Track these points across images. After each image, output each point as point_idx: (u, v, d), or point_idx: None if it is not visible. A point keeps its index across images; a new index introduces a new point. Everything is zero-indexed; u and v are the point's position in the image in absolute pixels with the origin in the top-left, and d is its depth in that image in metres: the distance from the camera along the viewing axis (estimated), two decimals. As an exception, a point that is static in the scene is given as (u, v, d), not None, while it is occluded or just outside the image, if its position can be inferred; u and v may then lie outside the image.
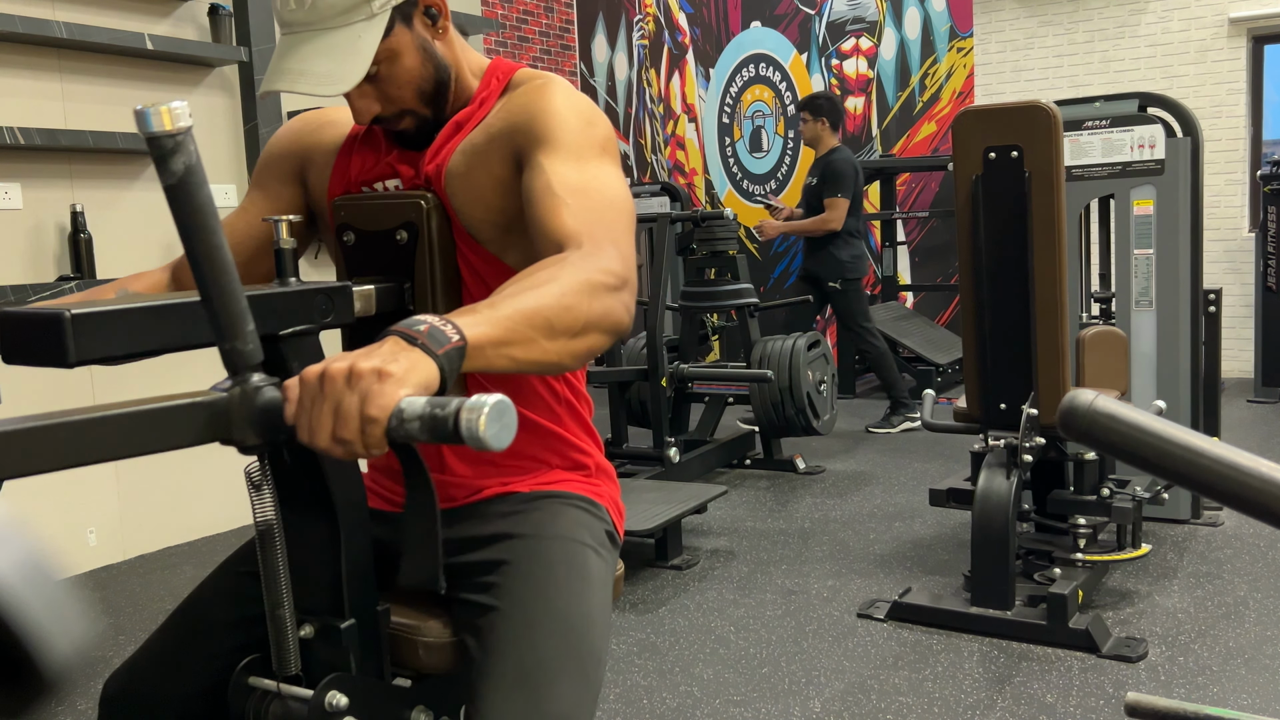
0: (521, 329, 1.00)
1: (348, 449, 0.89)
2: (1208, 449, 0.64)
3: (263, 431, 0.93)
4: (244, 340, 0.92)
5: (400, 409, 0.86)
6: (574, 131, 1.25)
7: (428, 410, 0.85)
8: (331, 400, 0.88)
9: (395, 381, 0.87)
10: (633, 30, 8.09)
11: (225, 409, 0.92)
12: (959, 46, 6.93)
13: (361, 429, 0.87)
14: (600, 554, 1.32)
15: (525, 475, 1.36)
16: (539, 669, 1.16)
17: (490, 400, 0.84)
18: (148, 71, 3.92)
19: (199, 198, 0.87)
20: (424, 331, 0.92)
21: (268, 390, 0.93)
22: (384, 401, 0.87)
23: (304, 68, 1.23)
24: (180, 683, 1.26)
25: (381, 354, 0.90)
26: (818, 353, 4.68)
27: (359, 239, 1.33)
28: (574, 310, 1.04)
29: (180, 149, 0.86)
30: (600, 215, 1.18)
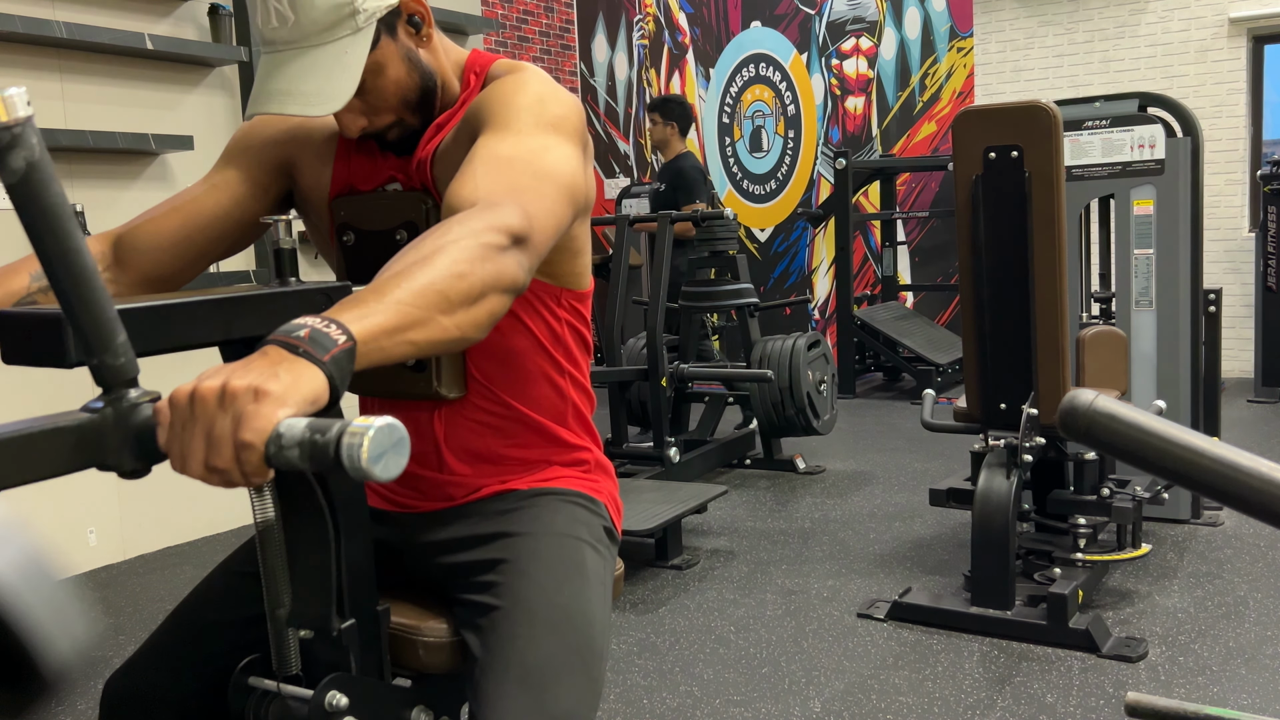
0: (414, 310, 0.91)
1: (224, 478, 0.80)
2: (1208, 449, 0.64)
3: (141, 454, 0.83)
4: (113, 354, 0.82)
5: (279, 433, 0.77)
6: (521, 110, 1.20)
7: (307, 435, 0.76)
8: (203, 424, 0.79)
9: (274, 401, 0.78)
10: (633, 30, 8.10)
11: (97, 431, 0.82)
12: (959, 46, 6.93)
13: (236, 456, 0.78)
14: (599, 550, 1.33)
15: (525, 473, 1.36)
16: (541, 666, 1.16)
17: (375, 424, 0.75)
18: (148, 71, 3.92)
19: (47, 197, 0.77)
20: (304, 337, 0.83)
21: (145, 407, 0.83)
22: (260, 424, 0.77)
23: (291, 88, 1.20)
24: (181, 682, 1.26)
25: (258, 368, 0.80)
26: (818, 353, 4.68)
27: (359, 239, 1.33)
28: (467, 277, 0.96)
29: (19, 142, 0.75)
30: (511, 179, 1.11)
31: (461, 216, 1.03)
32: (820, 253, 7.50)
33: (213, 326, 1.04)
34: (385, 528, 1.35)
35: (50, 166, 0.77)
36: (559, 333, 1.37)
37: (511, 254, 1.02)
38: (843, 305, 6.47)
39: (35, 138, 0.76)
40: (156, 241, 1.36)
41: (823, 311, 7.47)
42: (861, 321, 6.45)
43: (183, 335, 1.02)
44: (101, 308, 0.80)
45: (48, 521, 3.57)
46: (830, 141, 7.40)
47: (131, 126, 3.84)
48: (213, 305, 1.03)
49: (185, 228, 1.36)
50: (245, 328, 1.05)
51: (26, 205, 0.77)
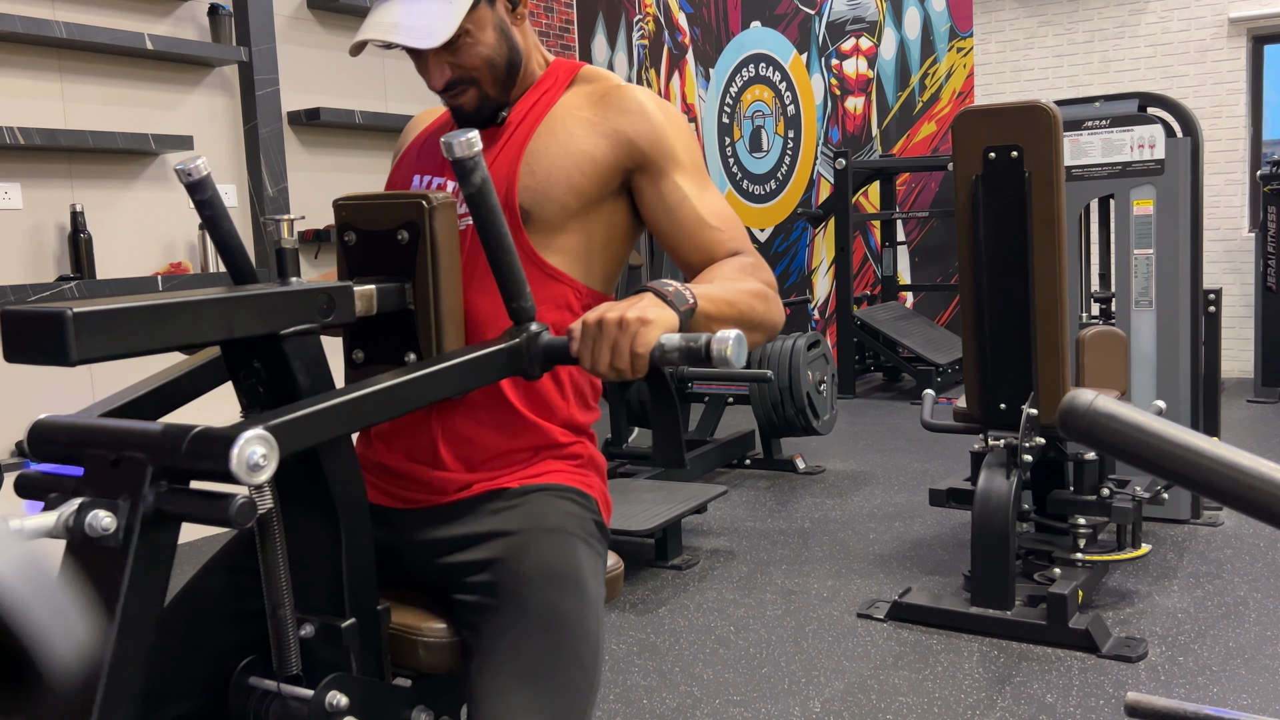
0: (724, 311, 1.25)
1: (619, 374, 1.14)
2: (1208, 449, 0.64)
3: (545, 363, 1.20)
4: (525, 299, 1.19)
5: (661, 343, 1.13)
6: (690, 152, 1.42)
7: (684, 343, 1.12)
8: (609, 339, 1.13)
9: (653, 326, 1.13)
10: (633, 30, 8.10)
11: (520, 350, 1.18)
12: (959, 46, 6.93)
13: (631, 361, 1.13)
14: (591, 544, 1.33)
15: (518, 467, 1.37)
16: (537, 663, 1.17)
17: (731, 334, 1.09)
18: (148, 71, 3.92)
19: (491, 201, 1.16)
20: (672, 292, 1.18)
21: (544, 335, 1.20)
22: (648, 339, 1.13)
23: (397, 20, 1.32)
24: (179, 677, 1.26)
25: (641, 305, 1.15)
26: (818, 353, 4.68)
27: (360, 239, 1.33)
28: (755, 309, 1.30)
29: (478, 167, 1.14)
30: (743, 234, 1.42)
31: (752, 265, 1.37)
32: (820, 253, 7.50)
33: (213, 326, 1.04)
34: (383, 528, 1.35)
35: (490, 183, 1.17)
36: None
37: (778, 306, 1.36)
38: (843, 305, 6.47)
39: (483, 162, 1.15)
40: None
41: (823, 311, 7.48)
42: (861, 321, 6.45)
43: (183, 334, 1.02)
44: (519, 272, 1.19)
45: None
46: (830, 141, 7.40)
47: (131, 126, 3.84)
48: (213, 305, 1.03)
49: None
50: (245, 328, 1.06)
51: (479, 206, 1.16)
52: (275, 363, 1.10)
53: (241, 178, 4.19)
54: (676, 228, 1.39)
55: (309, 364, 1.10)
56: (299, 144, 4.43)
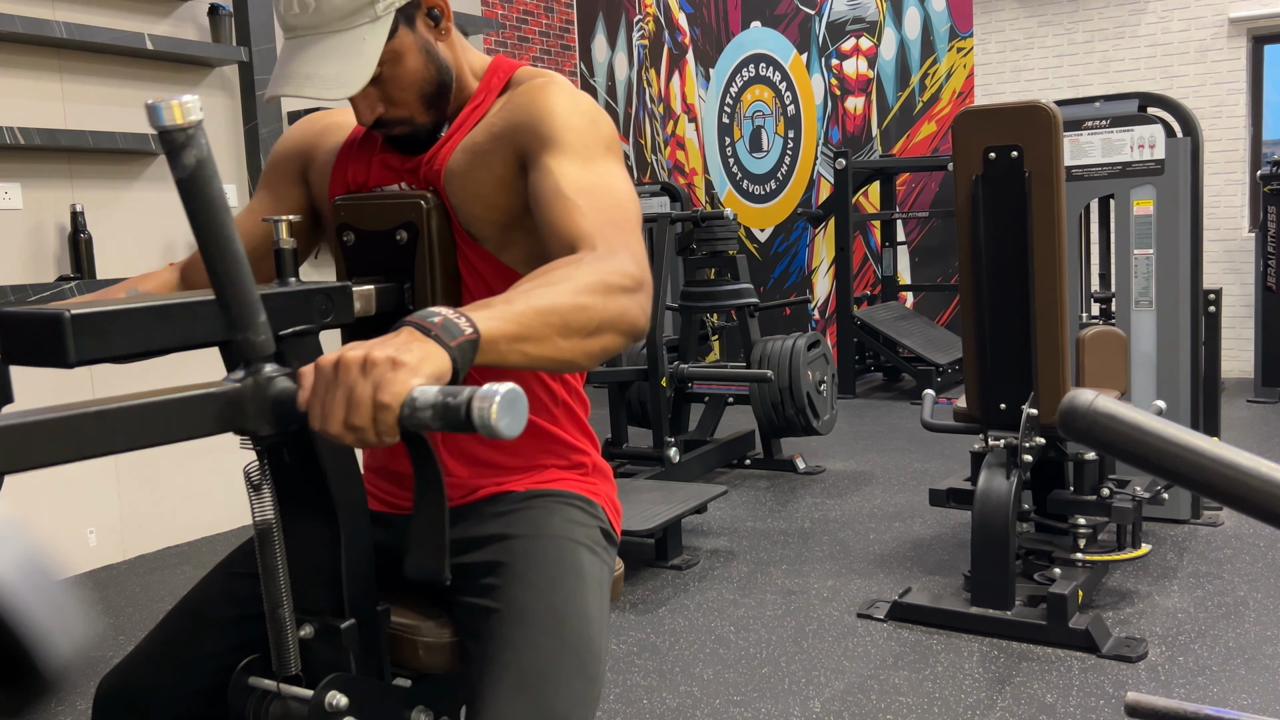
0: (536, 325, 1.01)
1: (359, 436, 0.89)
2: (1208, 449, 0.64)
3: (276, 420, 0.94)
4: (256, 331, 0.94)
5: (413, 397, 0.87)
6: (579, 131, 1.25)
7: (440, 399, 0.86)
8: (345, 387, 0.89)
9: (409, 370, 0.88)
10: (633, 30, 8.10)
11: (238, 399, 0.93)
12: (959, 46, 6.93)
13: (374, 416, 0.88)
14: (596, 552, 1.32)
15: (521, 475, 1.36)
16: (539, 669, 1.16)
17: (502, 389, 0.85)
18: (148, 71, 3.92)
19: (210, 191, 0.89)
20: (438, 323, 0.93)
21: (280, 380, 0.95)
22: (397, 389, 0.87)
23: (310, 71, 1.23)
24: (176, 682, 1.26)
25: (395, 343, 0.91)
26: (818, 353, 4.68)
27: (359, 239, 1.33)
28: (589, 310, 1.05)
29: (191, 143, 0.87)
30: (611, 216, 1.19)
31: (592, 257, 1.12)
32: (820, 253, 7.50)
33: (213, 326, 1.04)
34: (384, 530, 1.35)
35: (214, 164, 0.89)
36: None
37: (635, 299, 1.11)
38: (843, 305, 6.47)
39: (204, 139, 0.87)
40: None
41: (823, 311, 7.47)
42: (861, 321, 6.45)
43: (183, 335, 1.02)
44: (249, 292, 0.92)
45: (48, 521, 3.57)
46: (830, 141, 7.40)
47: (131, 126, 3.84)
48: (213, 305, 1.03)
49: None
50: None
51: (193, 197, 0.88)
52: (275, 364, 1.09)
53: (241, 178, 4.19)
54: (539, 211, 1.21)
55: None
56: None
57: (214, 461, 3.95)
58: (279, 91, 1.25)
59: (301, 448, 1.11)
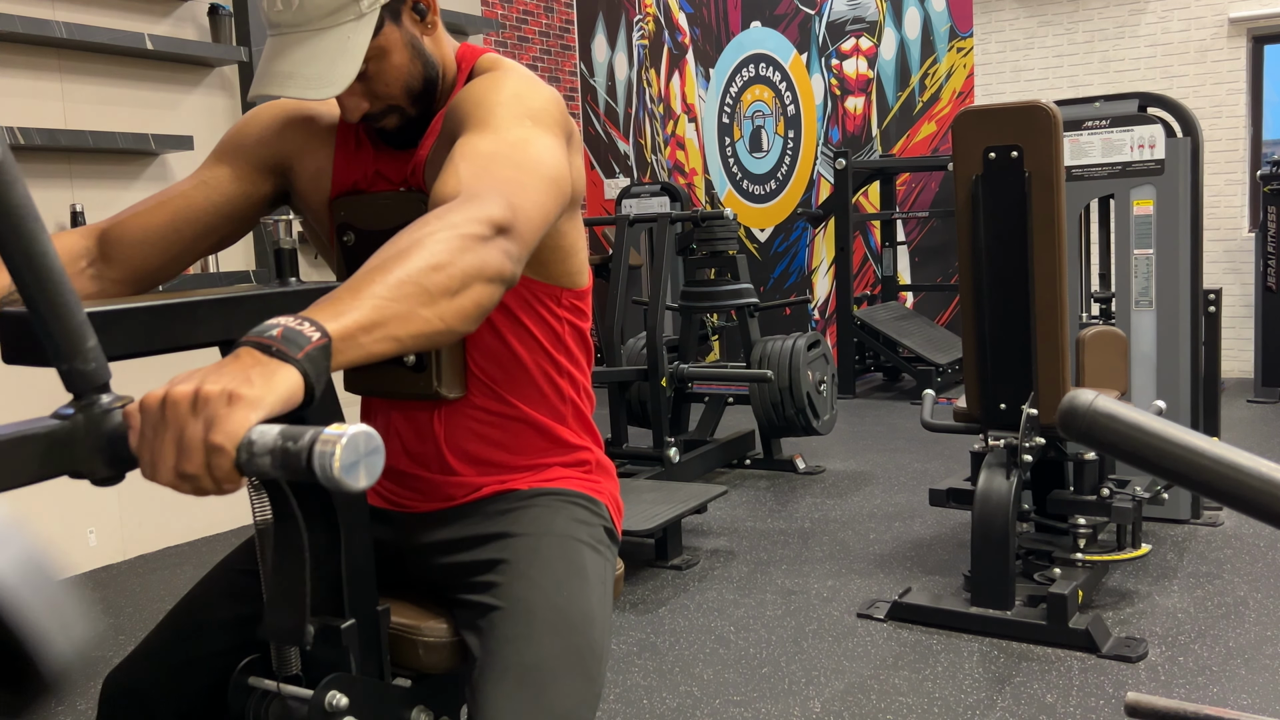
0: (392, 305, 0.90)
1: (194, 485, 0.78)
2: (1208, 449, 0.64)
3: (114, 461, 0.80)
4: (84, 359, 0.78)
5: (250, 440, 0.76)
6: (498, 106, 1.20)
7: (279, 443, 0.75)
8: (174, 429, 0.77)
9: (247, 405, 0.77)
10: (633, 30, 8.09)
11: (68, 438, 0.78)
12: (959, 46, 6.93)
13: (207, 461, 0.76)
14: (599, 551, 1.32)
15: (525, 473, 1.36)
16: (540, 667, 1.16)
17: (349, 432, 0.74)
18: (148, 71, 3.92)
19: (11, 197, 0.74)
20: (278, 336, 0.82)
21: (117, 413, 0.80)
22: (231, 429, 0.76)
23: (294, 70, 1.21)
24: (179, 680, 1.26)
25: (230, 371, 0.79)
26: (818, 353, 4.68)
27: (359, 239, 1.33)
28: (446, 268, 0.94)
29: None
30: (493, 170, 1.10)
31: (439, 210, 1.01)
32: (820, 253, 7.50)
33: (213, 326, 1.04)
34: (385, 528, 1.35)
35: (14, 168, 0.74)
36: (559, 332, 1.37)
37: (495, 244, 1.00)
38: (843, 305, 6.47)
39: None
40: (144, 236, 1.35)
41: (823, 311, 7.47)
42: (861, 321, 6.45)
43: (183, 335, 1.02)
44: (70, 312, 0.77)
45: (48, 521, 3.57)
46: (830, 141, 7.40)
47: (131, 126, 3.84)
48: (213, 305, 1.03)
49: (174, 223, 1.36)
50: (245, 328, 1.05)
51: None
52: None
53: None
54: None
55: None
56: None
57: (214, 461, 3.95)
58: (262, 91, 1.22)
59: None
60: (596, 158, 8.28)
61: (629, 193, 5.69)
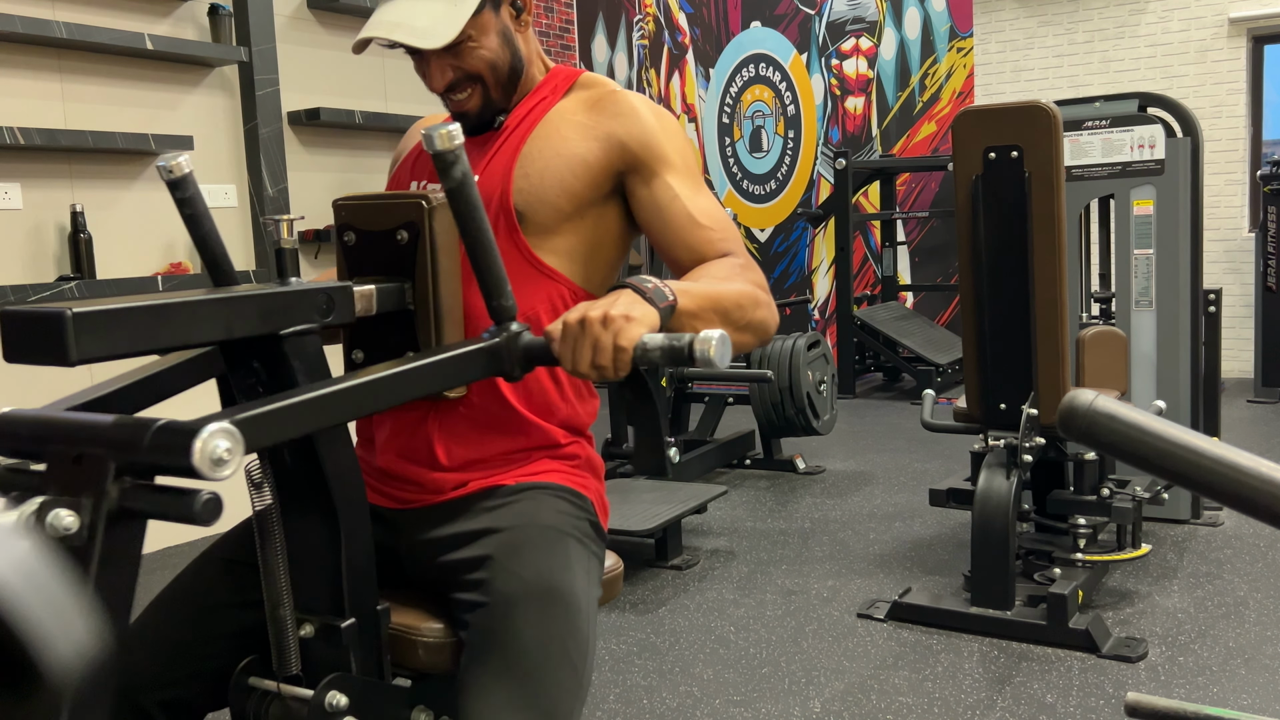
0: (708, 310, 1.23)
1: (601, 372, 1.11)
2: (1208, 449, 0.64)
3: (526, 365, 1.16)
4: (505, 297, 1.16)
5: (643, 341, 1.10)
6: (683, 155, 1.41)
7: (666, 342, 1.09)
8: (590, 337, 1.10)
9: (636, 323, 1.11)
10: (633, 30, 8.09)
11: (499, 350, 1.15)
12: (959, 46, 6.93)
13: (614, 358, 1.09)
14: (584, 543, 1.33)
15: (512, 468, 1.37)
16: (524, 658, 1.17)
17: (715, 334, 1.05)
18: (148, 71, 3.92)
19: (472, 196, 1.13)
20: (651, 289, 1.16)
21: (525, 335, 1.16)
22: (632, 335, 1.10)
23: (401, 20, 1.32)
24: (170, 666, 1.25)
25: (623, 302, 1.12)
26: (818, 353, 4.68)
27: (359, 239, 1.33)
28: (744, 310, 1.28)
29: (458, 161, 1.11)
30: (734, 236, 1.39)
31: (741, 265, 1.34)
32: (820, 253, 7.50)
33: (213, 326, 1.04)
34: (382, 528, 1.35)
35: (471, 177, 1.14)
36: None
37: (770, 310, 1.32)
38: (843, 305, 6.47)
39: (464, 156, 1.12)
40: None
41: (823, 311, 7.47)
42: (861, 321, 6.45)
43: (183, 335, 1.02)
44: (500, 269, 1.16)
45: (48, 521, 3.56)
46: (830, 141, 7.40)
47: (131, 126, 3.84)
48: (213, 305, 1.03)
49: None
50: (245, 328, 1.06)
51: (460, 202, 1.13)
52: (275, 363, 1.10)
53: (241, 178, 4.19)
54: (667, 227, 1.39)
55: (309, 364, 1.10)
56: (299, 144, 4.43)
57: (214, 461, 3.94)
58: (370, 34, 1.34)
59: (303, 447, 1.11)
60: (596, 158, 8.26)
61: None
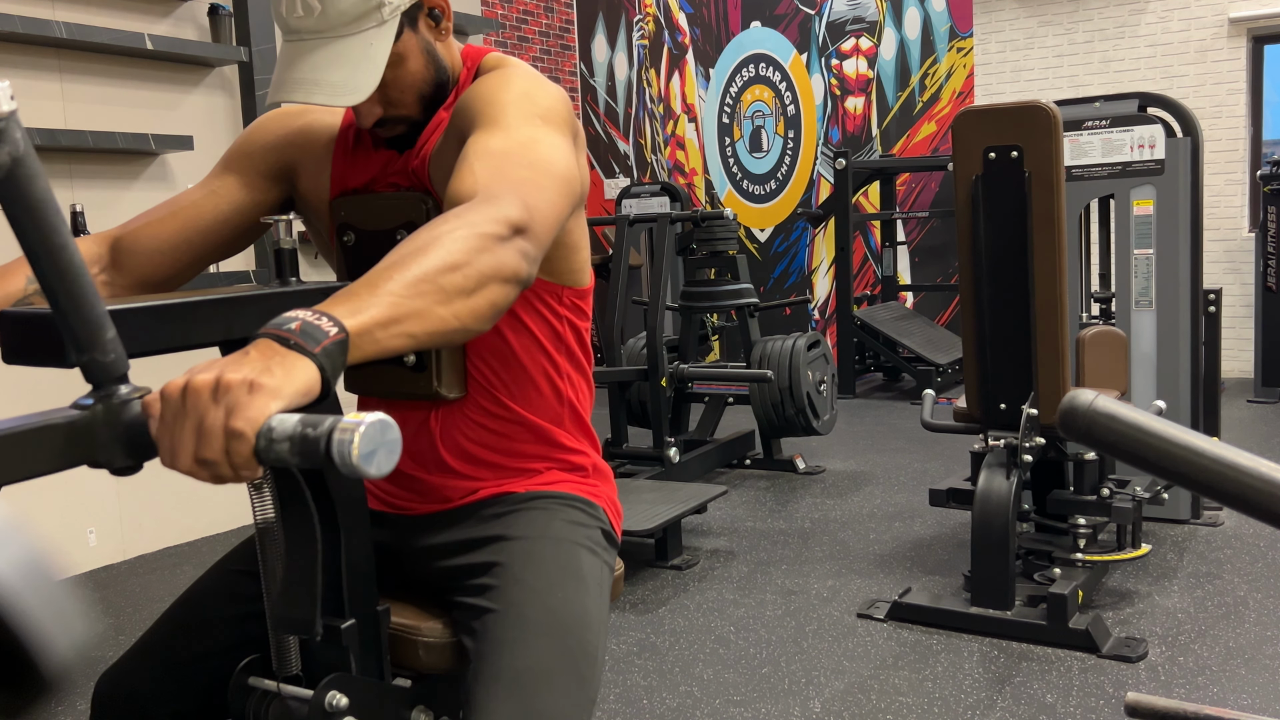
0: (408, 302, 0.91)
1: (213, 471, 0.80)
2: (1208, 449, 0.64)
3: (133, 450, 0.82)
4: (103, 350, 0.81)
5: (270, 427, 0.78)
6: (508, 105, 1.21)
7: (298, 430, 0.76)
8: (194, 417, 0.79)
9: (267, 394, 0.79)
10: (633, 30, 8.10)
11: (87, 428, 0.81)
12: (959, 46, 6.93)
13: (226, 447, 0.78)
14: (596, 554, 1.32)
15: (522, 476, 1.36)
16: (532, 671, 1.16)
17: (367, 420, 0.75)
18: (148, 71, 3.92)
19: (33, 193, 0.75)
20: (296, 330, 0.83)
21: (135, 403, 0.82)
22: (252, 415, 0.78)
23: (317, 77, 1.20)
24: (178, 678, 1.26)
25: (250, 362, 0.81)
26: (818, 353, 4.68)
27: (359, 239, 1.33)
28: (463, 268, 0.95)
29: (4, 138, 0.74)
30: (507, 171, 1.10)
31: (458, 210, 1.02)
32: (820, 253, 7.50)
33: (213, 326, 1.04)
34: (383, 530, 1.35)
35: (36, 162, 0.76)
36: (560, 332, 1.37)
37: (512, 244, 1.01)
38: (843, 305, 6.47)
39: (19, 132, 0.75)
40: (155, 245, 1.37)
41: (823, 311, 7.47)
42: (861, 321, 6.45)
43: (183, 335, 1.02)
44: (90, 305, 0.79)
45: (48, 521, 3.57)
46: (830, 141, 7.40)
47: (131, 126, 3.84)
48: (213, 305, 1.03)
49: (184, 231, 1.38)
50: (245, 328, 1.05)
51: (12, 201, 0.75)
52: None
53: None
54: None
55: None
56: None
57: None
58: (283, 98, 1.22)
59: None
60: (596, 158, 8.27)
61: (629, 193, 5.69)
